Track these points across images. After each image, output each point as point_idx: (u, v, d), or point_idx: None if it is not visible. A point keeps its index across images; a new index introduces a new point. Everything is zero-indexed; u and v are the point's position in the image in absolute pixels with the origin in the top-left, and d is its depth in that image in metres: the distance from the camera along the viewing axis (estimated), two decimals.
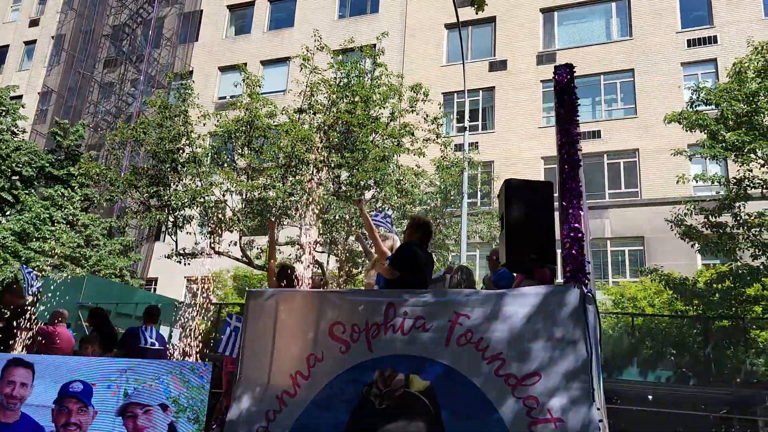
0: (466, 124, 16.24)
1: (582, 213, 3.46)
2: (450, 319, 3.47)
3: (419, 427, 3.37)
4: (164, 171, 14.41)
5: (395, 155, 14.97)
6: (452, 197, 15.00)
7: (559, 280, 3.74)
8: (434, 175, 15.53)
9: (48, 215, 19.56)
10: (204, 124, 14.83)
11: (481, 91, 23.89)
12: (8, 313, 6.85)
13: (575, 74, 4.06)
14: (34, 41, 32.98)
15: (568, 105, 3.71)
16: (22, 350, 6.21)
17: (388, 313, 3.61)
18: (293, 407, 3.68)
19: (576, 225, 3.46)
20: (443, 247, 15.47)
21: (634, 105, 21.90)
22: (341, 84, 14.90)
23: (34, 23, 33.35)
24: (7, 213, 20.18)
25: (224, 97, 25.55)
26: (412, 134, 15.27)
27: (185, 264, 15.22)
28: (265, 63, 27.00)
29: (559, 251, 3.75)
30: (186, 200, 13.97)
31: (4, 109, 21.44)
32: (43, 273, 15.51)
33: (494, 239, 15.84)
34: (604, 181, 21.59)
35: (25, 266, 8.68)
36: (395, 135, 14.95)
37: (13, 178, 20.84)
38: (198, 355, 6.73)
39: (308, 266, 5.47)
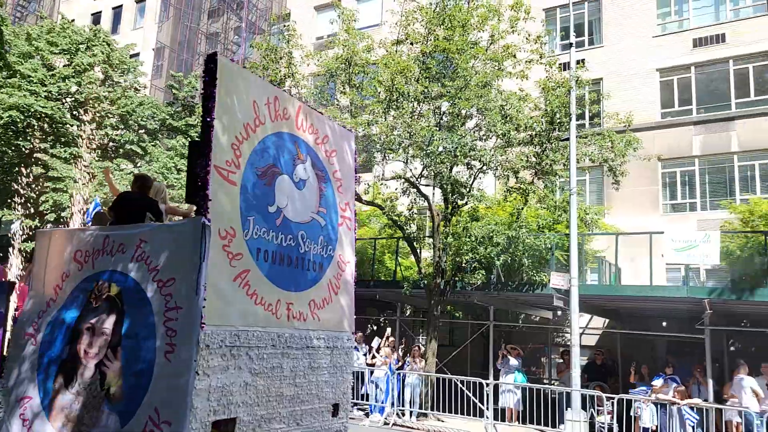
0: (572, 39, 15.30)
1: (210, 169, 4.69)
2: (136, 245, 4.96)
3: (112, 318, 4.97)
4: None
5: (497, 80, 14.52)
6: (559, 120, 14.39)
7: None
8: (539, 97, 14.94)
9: (174, 164, 21.16)
10: (308, 65, 15.12)
11: (586, 3, 22.28)
12: None
13: None
14: None
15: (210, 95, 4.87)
16: None
17: (105, 243, 5.21)
18: (53, 307, 5.45)
19: (204, 175, 4.65)
20: (551, 172, 15.03)
21: (766, 0, 19.49)
22: (437, 10, 14.50)
23: None
24: (138, 164, 22.05)
25: (321, 37, 25.73)
26: (514, 56, 14.67)
27: None
28: None
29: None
30: None
31: (126, 67, 23.06)
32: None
33: (606, 161, 15.12)
34: (730, 91, 19.69)
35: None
36: (497, 59, 14.44)
37: (140, 131, 22.60)
38: None
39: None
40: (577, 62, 15.79)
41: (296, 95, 14.95)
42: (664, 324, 16.02)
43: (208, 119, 4.79)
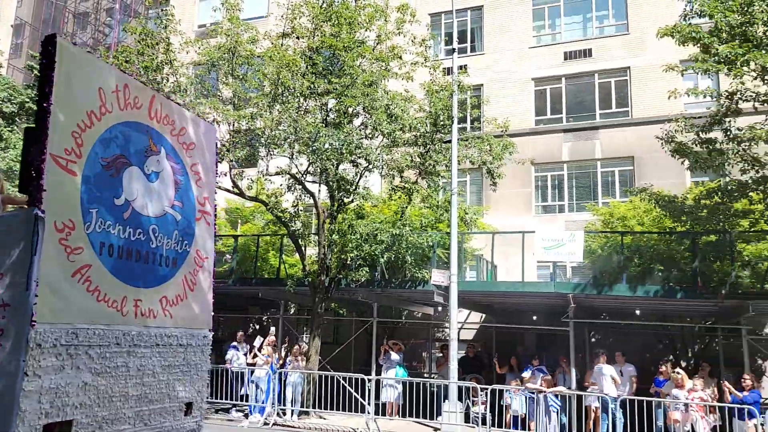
0: (455, 45, 15.82)
1: (45, 157, 4.47)
2: None
3: None
4: None
5: (383, 80, 14.67)
6: (442, 122, 14.83)
7: None
8: (423, 99, 15.29)
9: None
10: (187, 52, 14.38)
11: (469, 11, 23.19)
12: None
13: None
14: None
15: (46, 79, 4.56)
16: None
17: None
18: None
19: (39, 164, 4.45)
20: (434, 173, 15.45)
21: (626, 21, 21.38)
22: (324, 5, 14.39)
23: None
24: None
25: (204, 25, 24.67)
26: (400, 58, 14.91)
27: None
28: None
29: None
30: None
31: None
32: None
33: (485, 163, 15.81)
34: (595, 102, 21.38)
35: None
36: (383, 59, 14.59)
37: None
38: None
39: None
40: (460, 68, 16.36)
41: (174, 83, 14.20)
42: (534, 318, 17.04)
43: (45, 105, 4.55)
